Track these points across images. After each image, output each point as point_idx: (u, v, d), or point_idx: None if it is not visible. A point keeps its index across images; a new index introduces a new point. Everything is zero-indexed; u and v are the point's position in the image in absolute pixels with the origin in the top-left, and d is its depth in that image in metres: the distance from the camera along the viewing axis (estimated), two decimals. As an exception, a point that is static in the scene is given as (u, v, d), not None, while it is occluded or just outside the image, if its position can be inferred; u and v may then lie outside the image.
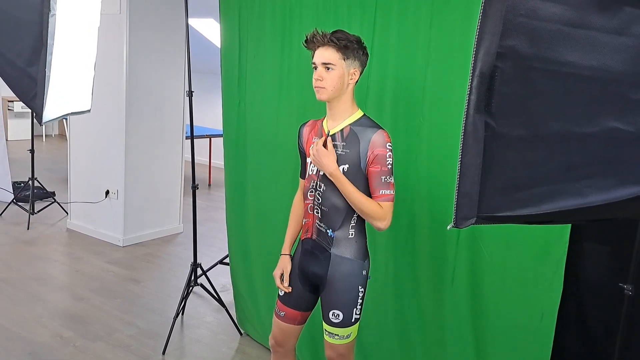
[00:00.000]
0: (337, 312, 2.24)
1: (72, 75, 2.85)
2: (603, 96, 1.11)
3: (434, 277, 2.64)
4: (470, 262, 2.50)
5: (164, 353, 3.44)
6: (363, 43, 2.18)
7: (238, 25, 3.31)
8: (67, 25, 2.58)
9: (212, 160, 7.95)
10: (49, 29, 2.36)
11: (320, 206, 2.24)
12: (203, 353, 3.53)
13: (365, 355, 2.96)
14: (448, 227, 1.33)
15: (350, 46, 2.12)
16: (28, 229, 5.58)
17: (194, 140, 3.76)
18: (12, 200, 6.04)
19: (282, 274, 2.40)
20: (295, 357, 2.57)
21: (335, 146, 2.17)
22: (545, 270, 2.31)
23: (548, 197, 1.19)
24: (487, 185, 1.26)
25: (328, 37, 2.11)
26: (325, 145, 2.18)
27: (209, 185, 7.82)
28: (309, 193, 2.28)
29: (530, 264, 2.35)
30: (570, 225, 2.22)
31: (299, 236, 2.45)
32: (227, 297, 3.98)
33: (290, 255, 2.44)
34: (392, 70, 2.65)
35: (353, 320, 2.27)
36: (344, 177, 2.13)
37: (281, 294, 2.40)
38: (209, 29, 7.36)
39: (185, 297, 3.75)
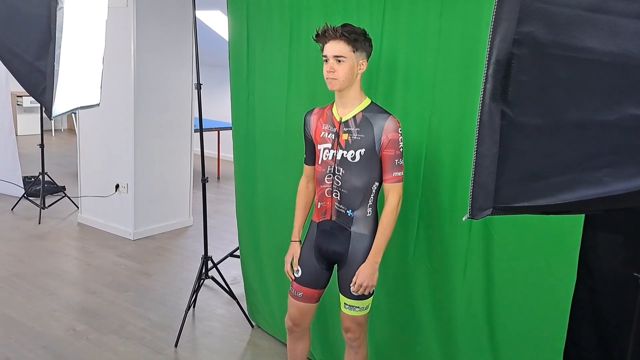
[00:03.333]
0: None
1: (81, 69, 2.84)
2: (623, 83, 1.08)
3: (446, 268, 2.62)
4: (483, 252, 2.48)
5: (176, 345, 3.46)
6: (368, 35, 2.33)
7: (246, 18, 3.29)
8: (75, 19, 2.57)
9: (220, 153, 7.95)
10: (57, 22, 2.35)
11: (340, 189, 2.38)
12: (215, 345, 3.54)
13: (377, 345, 2.95)
14: (464, 219, 1.31)
15: (359, 39, 2.28)
16: (39, 223, 5.61)
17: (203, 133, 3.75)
18: (23, 195, 6.07)
19: (292, 260, 2.56)
20: (310, 337, 2.70)
21: (349, 132, 2.34)
22: (559, 260, 2.29)
23: (566, 186, 1.16)
24: (503, 175, 1.24)
25: (339, 31, 2.25)
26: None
27: (218, 178, 7.83)
28: (326, 178, 2.41)
29: (544, 253, 2.33)
30: (584, 214, 2.19)
31: (308, 220, 2.58)
32: (238, 289, 3.99)
33: (300, 242, 2.58)
34: (402, 60, 2.63)
35: (372, 292, 2.42)
36: (377, 250, 2.34)
37: (296, 275, 2.53)
38: (216, 21, 7.33)
39: (196, 290, 3.75)
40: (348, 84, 2.30)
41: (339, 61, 2.26)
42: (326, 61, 2.29)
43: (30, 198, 6.06)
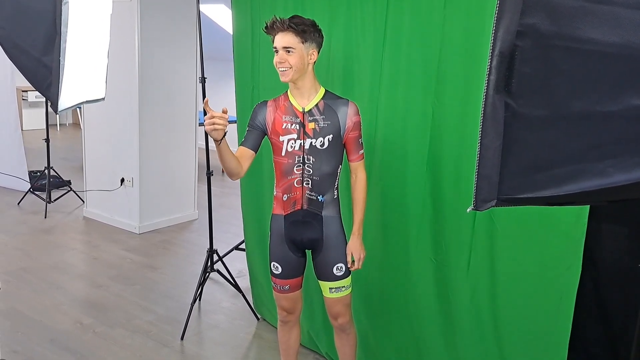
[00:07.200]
0: (339, 265, 2.52)
1: (86, 64, 2.85)
2: (626, 74, 1.09)
3: (450, 260, 2.63)
4: (487, 244, 2.49)
5: (182, 338, 3.48)
6: (318, 26, 2.39)
7: (250, 11, 3.29)
8: (81, 14, 2.57)
9: (225, 147, 7.94)
10: (63, 17, 2.35)
11: (311, 177, 2.45)
12: (221, 338, 3.56)
13: (380, 340, 2.97)
14: (467, 210, 1.32)
15: (307, 30, 2.33)
16: (45, 217, 5.64)
17: (208, 127, 3.76)
18: (29, 190, 6.10)
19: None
20: (300, 326, 2.79)
21: (315, 120, 2.41)
22: (563, 252, 2.29)
23: (570, 177, 1.17)
24: (507, 167, 1.25)
25: (287, 23, 2.30)
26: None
27: (223, 172, 7.84)
28: (295, 168, 2.45)
29: (549, 245, 2.33)
30: (589, 206, 2.19)
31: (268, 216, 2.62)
32: (244, 282, 4.01)
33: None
34: (406, 52, 2.62)
35: (349, 269, 2.56)
36: (360, 224, 2.52)
37: (276, 272, 2.59)
38: (220, 15, 7.32)
39: (202, 283, 3.78)
40: (300, 74, 2.36)
41: (288, 52, 2.31)
42: (276, 52, 2.34)
43: (36, 192, 6.09)
